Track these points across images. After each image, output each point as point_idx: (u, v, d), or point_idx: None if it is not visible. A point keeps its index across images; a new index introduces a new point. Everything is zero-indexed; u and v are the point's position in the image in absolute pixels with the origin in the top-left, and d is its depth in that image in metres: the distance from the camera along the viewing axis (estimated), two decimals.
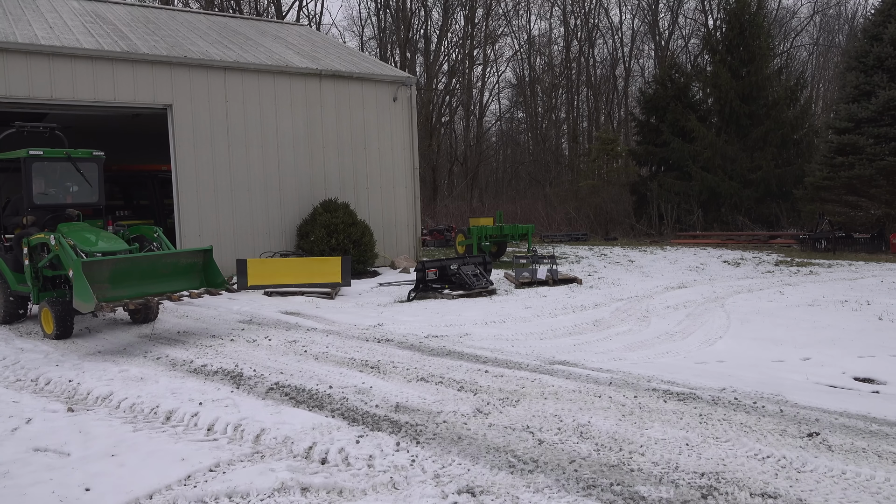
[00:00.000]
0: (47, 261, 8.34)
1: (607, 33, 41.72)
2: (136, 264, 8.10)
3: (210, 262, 8.79)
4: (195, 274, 8.73)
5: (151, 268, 8.22)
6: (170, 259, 8.45)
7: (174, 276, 8.44)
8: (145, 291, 8.00)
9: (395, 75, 17.27)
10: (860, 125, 18.98)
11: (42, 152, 8.81)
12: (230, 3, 34.20)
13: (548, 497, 3.77)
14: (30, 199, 8.93)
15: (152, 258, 8.33)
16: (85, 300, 7.27)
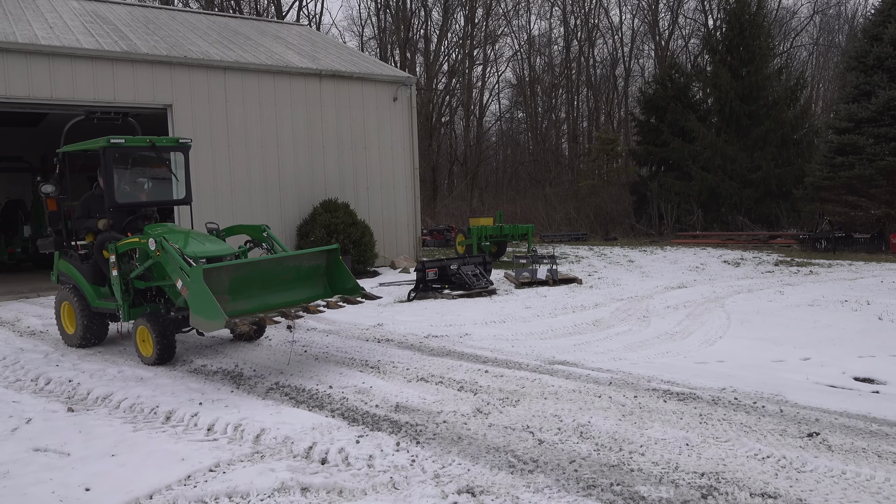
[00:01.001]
0: (142, 269, 7.01)
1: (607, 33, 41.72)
2: (256, 270, 6.67)
3: (337, 265, 7.30)
4: (318, 279, 7.25)
5: (272, 274, 6.81)
6: (292, 262, 7.03)
7: (297, 283, 7.02)
8: (268, 303, 6.60)
9: (395, 75, 17.27)
10: (860, 125, 18.98)
11: (124, 140, 7.33)
12: (230, 3, 34.19)
13: (548, 497, 3.77)
14: (111, 198, 7.41)
15: (274, 262, 6.90)
16: (210, 316, 5.94)
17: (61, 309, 8.07)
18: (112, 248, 7.15)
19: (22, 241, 17.52)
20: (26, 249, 17.60)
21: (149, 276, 7.14)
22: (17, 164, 17.98)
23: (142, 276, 7.14)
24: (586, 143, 38.56)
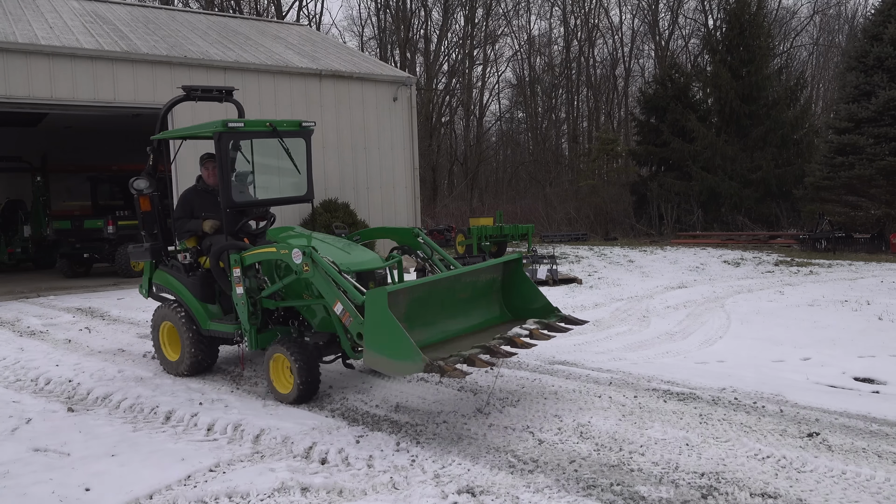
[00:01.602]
0: (279, 287, 5.64)
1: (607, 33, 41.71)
2: (435, 290, 5.24)
3: (517, 279, 5.82)
4: (493, 296, 5.81)
5: (450, 293, 5.37)
6: (470, 278, 5.51)
7: (473, 303, 5.58)
8: (447, 330, 5.23)
9: (395, 75, 17.27)
10: (860, 125, 18.97)
11: (243, 124, 5.94)
12: (230, 3, 34.20)
13: (548, 497, 3.77)
14: (228, 196, 5.99)
15: (452, 279, 5.37)
16: (401, 355, 4.44)
17: (161, 330, 6.69)
18: (236, 258, 5.70)
19: (22, 241, 17.52)
20: (26, 249, 17.60)
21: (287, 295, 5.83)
22: (17, 164, 17.98)
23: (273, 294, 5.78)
24: (586, 143, 38.56)
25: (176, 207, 6.68)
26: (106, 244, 15.47)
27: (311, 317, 5.78)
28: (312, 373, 5.48)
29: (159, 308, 6.68)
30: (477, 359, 4.63)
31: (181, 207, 6.63)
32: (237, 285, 5.77)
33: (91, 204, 17.04)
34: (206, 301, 6.34)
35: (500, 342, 4.98)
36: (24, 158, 17.89)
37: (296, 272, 5.31)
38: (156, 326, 6.74)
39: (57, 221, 16.26)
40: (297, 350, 5.44)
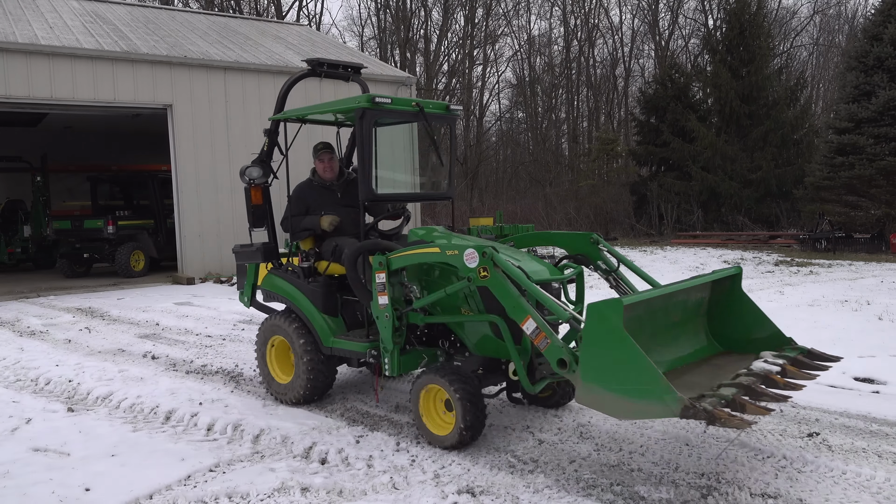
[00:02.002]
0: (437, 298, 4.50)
1: (607, 33, 41.72)
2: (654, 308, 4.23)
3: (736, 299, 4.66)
4: (699, 321, 4.70)
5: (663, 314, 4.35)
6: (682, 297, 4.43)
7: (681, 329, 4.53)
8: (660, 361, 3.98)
9: (395, 75, 17.27)
10: (860, 125, 18.97)
11: (390, 100, 4.96)
12: (230, 3, 34.20)
13: (548, 497, 3.77)
14: (368, 186, 4.98)
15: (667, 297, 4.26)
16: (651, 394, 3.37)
17: (269, 346, 5.67)
18: (382, 260, 4.61)
19: (22, 241, 17.53)
20: (26, 249, 17.62)
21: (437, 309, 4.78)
22: (17, 164, 18.00)
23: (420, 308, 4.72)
24: (586, 143, 38.57)
25: (288, 204, 5.77)
26: (106, 244, 15.49)
27: (468, 337, 4.72)
28: (478, 410, 4.35)
29: (268, 320, 5.66)
30: (755, 406, 3.48)
31: (295, 204, 5.76)
32: (380, 294, 4.63)
33: (91, 204, 17.05)
34: (329, 313, 5.26)
35: (753, 380, 3.77)
36: (24, 158, 17.91)
37: (468, 279, 4.15)
38: (263, 341, 5.69)
39: (57, 221, 16.28)
40: (458, 381, 4.30)
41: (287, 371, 5.61)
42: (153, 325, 9.38)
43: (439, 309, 4.73)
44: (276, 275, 5.73)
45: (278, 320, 5.55)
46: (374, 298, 4.68)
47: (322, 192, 5.80)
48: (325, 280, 5.39)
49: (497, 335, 4.45)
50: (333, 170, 5.81)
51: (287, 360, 5.64)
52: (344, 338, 5.16)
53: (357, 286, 4.91)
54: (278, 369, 5.68)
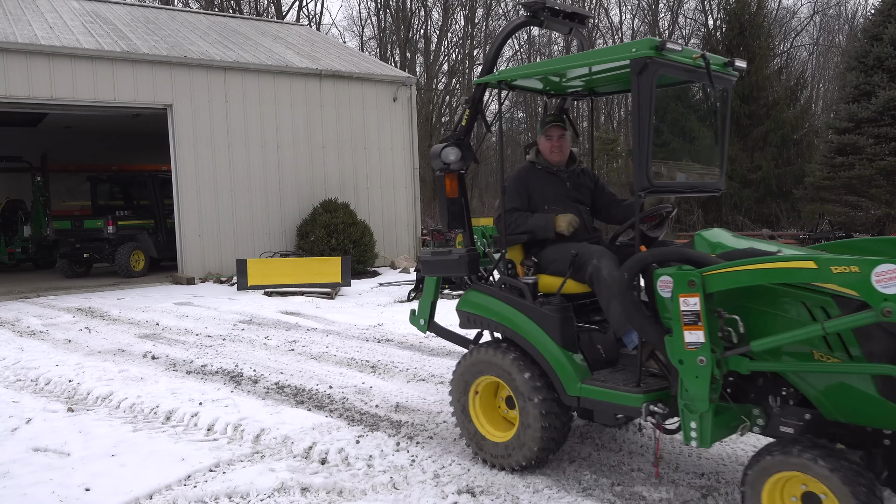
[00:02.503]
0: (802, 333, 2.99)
1: (607, 33, 41.72)
2: None
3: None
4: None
5: None
6: None
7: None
8: None
9: (394, 75, 17.28)
10: (860, 125, 18.97)
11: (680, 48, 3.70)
12: (230, 3, 34.20)
13: (548, 497, 3.77)
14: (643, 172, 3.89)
15: None
16: None
17: (472, 391, 4.23)
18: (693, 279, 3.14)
19: (22, 241, 17.54)
20: (26, 249, 17.63)
21: None
22: (17, 164, 18.01)
23: None
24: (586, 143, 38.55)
25: (505, 196, 4.35)
26: (106, 244, 15.49)
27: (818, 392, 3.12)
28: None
29: (473, 355, 4.21)
30: None
31: (515, 195, 4.36)
32: (690, 329, 3.16)
33: (91, 204, 17.06)
34: (568, 348, 3.84)
35: None
36: (24, 158, 17.92)
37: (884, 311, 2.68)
38: (464, 385, 4.25)
39: (57, 221, 16.30)
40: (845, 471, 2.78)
41: (498, 424, 4.22)
42: (153, 325, 9.39)
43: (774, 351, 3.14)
44: (487, 293, 4.26)
45: (493, 356, 4.05)
46: (677, 335, 3.20)
47: (548, 180, 4.44)
48: (560, 302, 3.94)
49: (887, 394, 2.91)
50: (564, 151, 4.48)
51: (494, 409, 4.27)
52: (598, 384, 3.69)
53: (637, 315, 3.39)
54: (485, 421, 4.23)
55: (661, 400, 3.50)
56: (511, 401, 4.08)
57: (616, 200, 4.70)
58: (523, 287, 4.07)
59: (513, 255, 4.40)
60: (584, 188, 4.58)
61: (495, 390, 4.24)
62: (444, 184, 4.39)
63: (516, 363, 3.95)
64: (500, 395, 4.24)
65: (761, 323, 3.19)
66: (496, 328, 4.18)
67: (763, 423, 3.37)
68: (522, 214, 4.30)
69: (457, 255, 4.42)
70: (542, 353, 3.88)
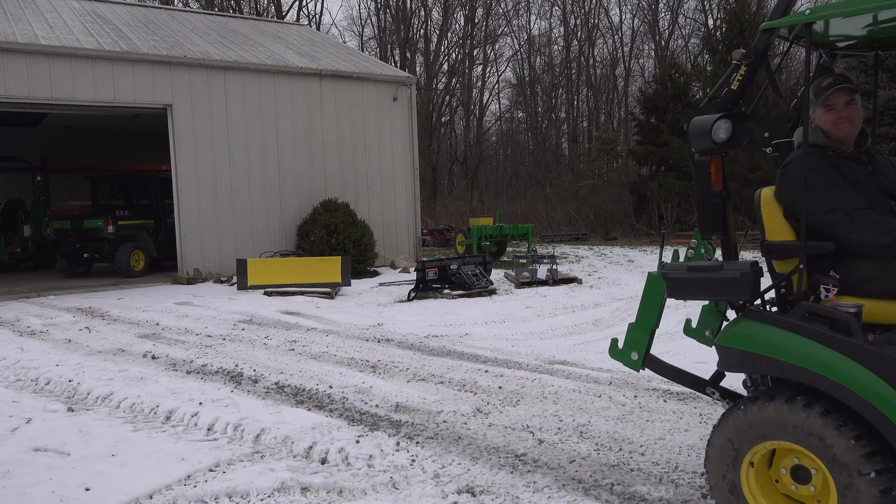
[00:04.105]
0: None
1: (607, 33, 41.73)
2: None
3: None
4: None
5: None
6: None
7: None
8: None
9: (395, 75, 17.28)
10: None
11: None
12: (230, 3, 34.21)
13: (548, 497, 3.77)
14: None
15: None
16: None
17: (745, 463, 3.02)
18: None
19: (22, 241, 17.54)
20: (26, 249, 17.63)
21: None
22: (17, 164, 18.02)
23: None
24: (586, 142, 38.57)
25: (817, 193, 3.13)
26: (106, 244, 15.50)
27: None
28: None
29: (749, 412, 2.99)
30: None
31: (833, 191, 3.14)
32: None
33: (91, 204, 17.07)
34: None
35: None
36: (24, 158, 17.92)
37: None
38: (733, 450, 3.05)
39: (57, 221, 16.30)
40: None
41: None
42: (153, 324, 9.39)
43: None
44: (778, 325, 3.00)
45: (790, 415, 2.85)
46: None
47: (853, 170, 3.23)
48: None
49: None
50: (856, 123, 3.29)
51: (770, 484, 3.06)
52: None
53: None
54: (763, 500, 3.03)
55: None
56: (801, 473, 2.94)
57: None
58: (848, 318, 2.82)
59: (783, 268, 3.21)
60: (888, 174, 3.33)
61: (769, 459, 3.06)
62: (707, 171, 3.16)
63: (833, 425, 2.74)
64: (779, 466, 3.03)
65: None
66: (797, 376, 2.89)
67: None
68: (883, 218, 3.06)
69: (736, 272, 3.01)
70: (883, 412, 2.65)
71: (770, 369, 3.02)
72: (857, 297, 3.03)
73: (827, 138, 3.27)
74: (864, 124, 3.36)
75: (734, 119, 3.22)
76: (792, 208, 3.20)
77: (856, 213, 3.05)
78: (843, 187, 3.14)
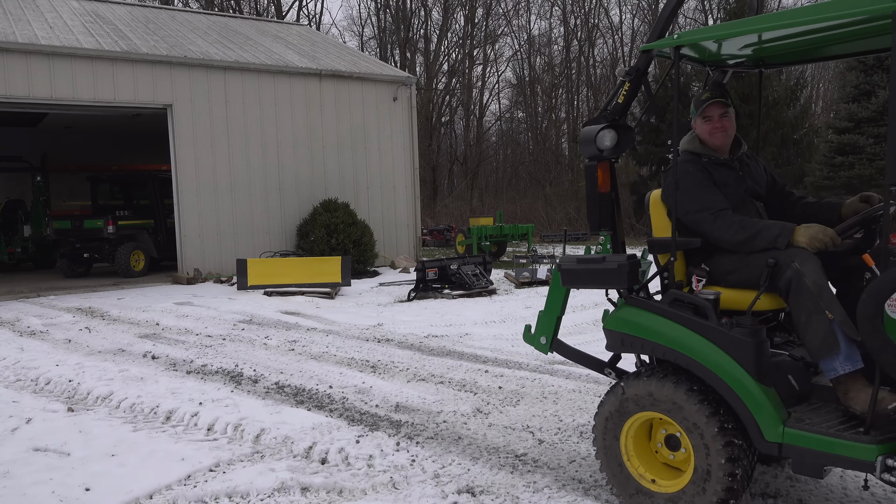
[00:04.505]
0: None
1: (607, 33, 41.73)
2: None
3: None
4: None
5: None
6: None
7: None
8: None
9: (395, 75, 17.28)
10: (860, 125, 19.00)
11: None
12: (230, 3, 34.21)
13: (548, 497, 3.77)
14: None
15: None
16: None
17: (625, 430, 3.50)
18: None
19: (22, 241, 17.55)
20: (26, 249, 17.63)
21: None
22: (17, 164, 18.02)
23: None
24: None
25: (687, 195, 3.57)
26: (106, 244, 15.50)
27: None
28: None
29: (629, 385, 3.44)
30: None
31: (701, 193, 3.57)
32: None
33: (91, 204, 17.07)
34: (764, 382, 3.11)
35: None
36: (24, 158, 17.92)
37: None
38: (615, 419, 3.50)
39: (57, 221, 16.30)
40: None
41: (655, 469, 3.49)
42: (153, 324, 9.39)
43: None
44: (652, 311, 3.45)
45: (660, 389, 3.30)
46: None
47: (722, 174, 3.64)
48: (752, 323, 3.18)
49: None
50: (728, 133, 3.67)
51: (649, 451, 3.53)
52: (807, 428, 2.99)
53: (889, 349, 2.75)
54: (641, 464, 3.50)
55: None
56: (674, 441, 3.39)
57: (791, 197, 3.99)
58: (704, 305, 3.25)
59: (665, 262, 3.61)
60: (758, 180, 3.78)
61: (648, 428, 3.50)
62: (594, 175, 3.69)
63: (694, 399, 3.19)
64: (657, 435, 3.48)
65: None
66: (665, 354, 3.36)
67: None
68: (741, 217, 3.45)
69: (615, 263, 3.52)
70: (733, 388, 3.10)
71: (643, 349, 3.49)
72: (721, 287, 3.49)
73: (703, 146, 3.71)
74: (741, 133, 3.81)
75: (619, 129, 3.59)
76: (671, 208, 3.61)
77: (720, 213, 3.48)
78: (711, 190, 3.57)
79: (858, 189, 19.04)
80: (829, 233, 3.24)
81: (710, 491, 3.15)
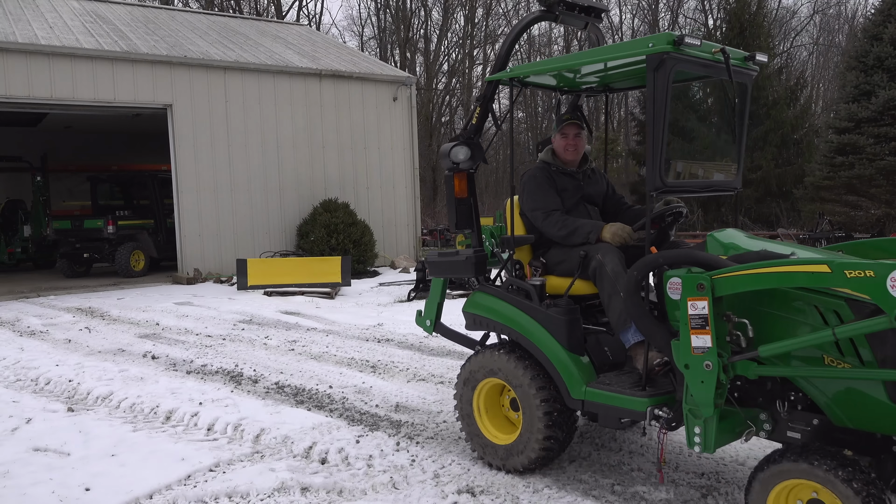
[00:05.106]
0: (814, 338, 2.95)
1: (607, 33, 41.71)
2: None
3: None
4: None
5: None
6: None
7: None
8: None
9: (394, 75, 17.28)
10: (860, 125, 18.97)
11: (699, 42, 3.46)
12: (230, 3, 34.21)
13: (548, 497, 3.77)
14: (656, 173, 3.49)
15: None
16: None
17: (477, 393, 4.23)
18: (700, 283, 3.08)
19: (22, 241, 17.55)
20: (26, 249, 17.63)
21: None
22: (17, 164, 18.01)
23: None
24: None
25: (528, 194, 4.30)
26: (106, 244, 15.50)
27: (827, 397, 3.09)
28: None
29: (478, 357, 4.20)
30: None
31: (547, 195, 4.25)
32: (697, 333, 3.12)
33: (91, 204, 17.07)
34: (574, 351, 3.82)
35: None
36: (24, 158, 17.92)
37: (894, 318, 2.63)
38: (468, 385, 4.24)
39: (57, 221, 16.30)
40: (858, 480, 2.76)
41: (501, 426, 4.22)
42: (153, 324, 9.39)
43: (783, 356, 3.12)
44: (494, 295, 4.22)
45: (497, 359, 4.05)
46: (684, 339, 3.15)
47: (562, 180, 4.35)
48: (567, 304, 3.89)
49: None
50: (579, 150, 4.42)
51: (499, 411, 4.28)
52: (603, 387, 3.67)
53: (643, 318, 3.37)
54: (490, 423, 4.22)
55: (665, 404, 3.48)
56: (515, 403, 4.10)
57: (624, 205, 4.77)
58: (530, 289, 4.02)
59: (521, 255, 4.35)
60: (597, 189, 4.58)
61: (500, 392, 4.26)
62: (452, 183, 4.36)
63: (521, 366, 3.94)
64: (505, 398, 4.25)
65: (771, 326, 3.15)
66: (502, 330, 4.18)
67: (770, 428, 3.32)
68: (565, 216, 4.17)
69: (464, 256, 4.40)
70: (546, 355, 3.87)
71: (488, 327, 4.29)
72: (554, 276, 4.19)
73: (555, 158, 4.43)
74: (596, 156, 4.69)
75: (471, 146, 4.30)
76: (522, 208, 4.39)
77: (551, 212, 4.19)
78: (549, 193, 4.26)
79: (858, 189, 19.04)
80: (627, 229, 4.01)
81: (534, 440, 3.89)
